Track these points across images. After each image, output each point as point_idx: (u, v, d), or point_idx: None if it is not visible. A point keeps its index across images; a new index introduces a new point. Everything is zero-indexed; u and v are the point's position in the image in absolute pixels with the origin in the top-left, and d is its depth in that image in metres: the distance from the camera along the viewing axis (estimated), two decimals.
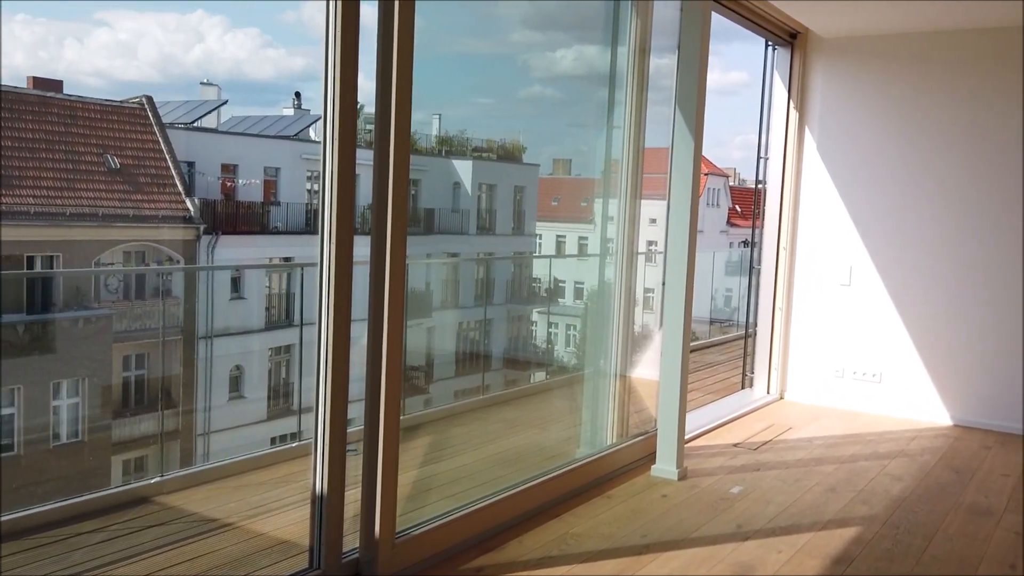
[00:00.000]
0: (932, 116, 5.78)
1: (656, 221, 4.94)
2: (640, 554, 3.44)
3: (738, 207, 35.63)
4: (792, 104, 6.20)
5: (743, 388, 6.62)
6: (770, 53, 6.15)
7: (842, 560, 3.48)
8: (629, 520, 3.79)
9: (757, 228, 6.53)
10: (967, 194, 5.70)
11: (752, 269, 6.52)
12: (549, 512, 3.82)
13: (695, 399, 6.12)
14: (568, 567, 3.28)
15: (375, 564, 3.01)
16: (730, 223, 34.05)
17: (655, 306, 6.42)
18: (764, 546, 3.59)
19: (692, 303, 4.37)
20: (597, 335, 5.00)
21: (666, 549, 3.50)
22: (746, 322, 6.84)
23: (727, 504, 4.07)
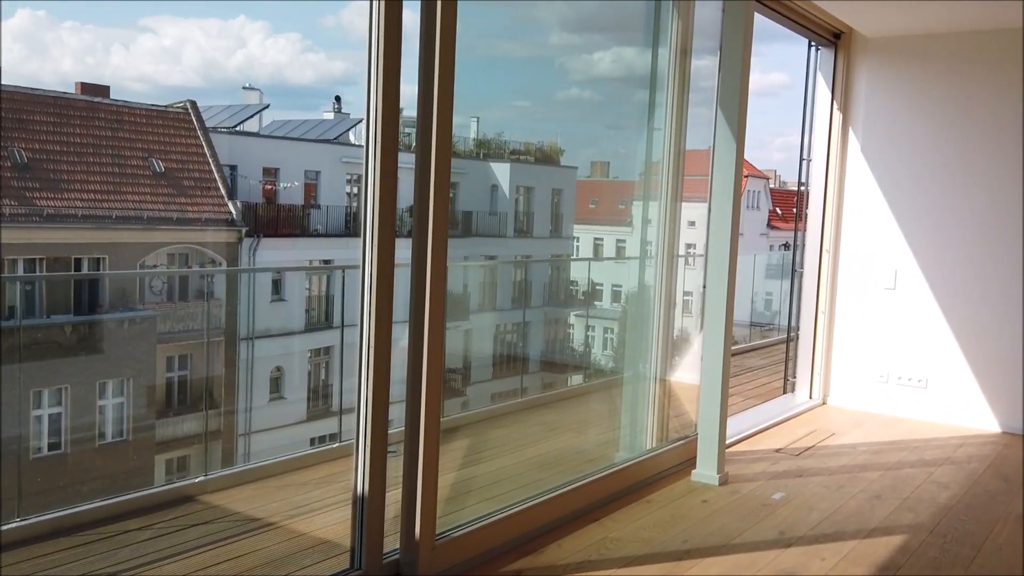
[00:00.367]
0: (978, 117, 5.67)
1: (695, 224, 4.90)
2: (681, 559, 3.41)
3: (779, 209, 35.25)
4: (836, 105, 6.11)
5: (785, 393, 6.53)
6: (813, 54, 6.07)
7: (887, 569, 3.42)
8: (669, 525, 3.76)
9: (799, 231, 6.45)
10: (1014, 196, 5.57)
11: (794, 272, 6.44)
12: (588, 516, 3.80)
13: (735, 404, 6.05)
14: (608, 572, 3.26)
15: (415, 565, 3.02)
16: (770, 226, 33.71)
17: (693, 310, 6.37)
18: (807, 553, 3.54)
19: (733, 306, 4.33)
20: (636, 338, 4.97)
21: (707, 555, 3.46)
22: (788, 326, 6.76)
23: (769, 510, 4.02)
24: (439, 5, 2.88)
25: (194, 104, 16.47)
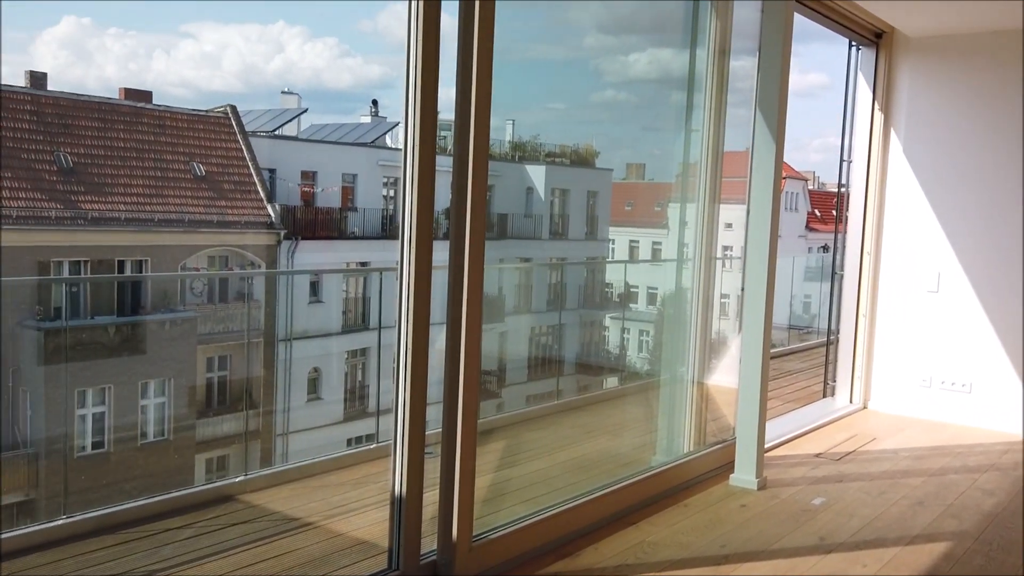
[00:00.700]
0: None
1: (732, 226, 4.86)
2: (719, 564, 3.38)
3: (817, 211, 34.82)
4: (877, 105, 6.02)
5: (824, 397, 6.45)
6: (854, 53, 5.99)
7: None
8: (707, 529, 3.73)
9: (839, 233, 6.36)
10: None
11: (834, 275, 6.35)
12: (625, 519, 3.78)
13: (774, 408, 5.99)
14: None
15: (452, 566, 3.03)
16: (809, 227, 33.30)
17: (730, 312, 6.31)
18: (848, 560, 3.49)
19: (772, 309, 4.29)
20: (673, 341, 4.95)
21: (746, 560, 3.43)
22: (827, 329, 6.67)
23: (809, 516, 3.97)
24: (477, 5, 2.88)
25: (234, 109, 16.73)
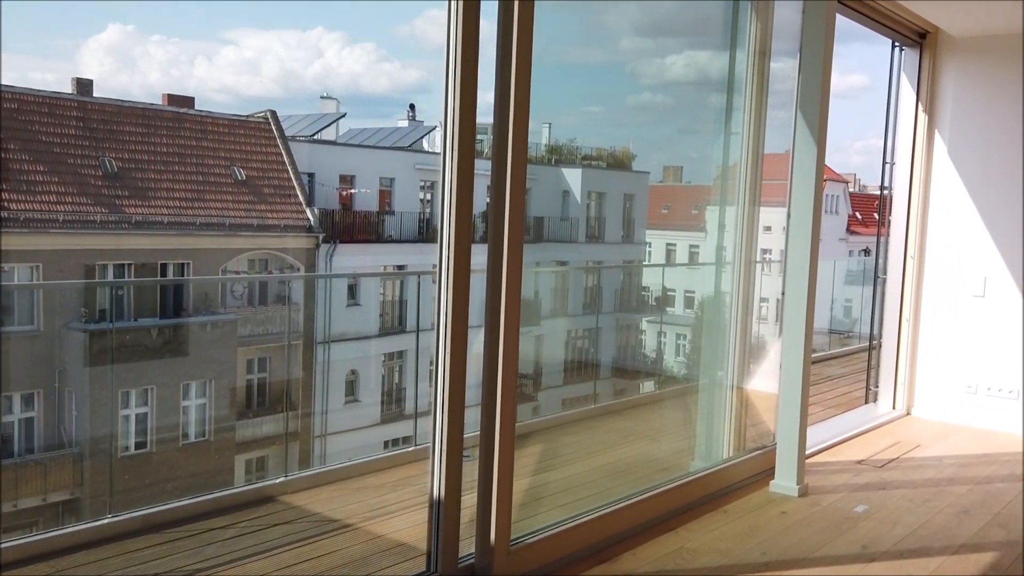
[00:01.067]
0: None
1: (771, 229, 4.81)
2: (759, 572, 3.34)
3: (858, 214, 34.31)
4: (921, 107, 5.92)
5: (866, 403, 6.35)
6: (897, 54, 5.89)
7: None
8: (747, 536, 3.69)
9: (882, 236, 6.26)
10: None
11: (876, 279, 6.25)
12: (663, 525, 3.76)
13: (815, 413, 5.91)
14: None
15: (490, 569, 3.04)
16: (850, 231, 32.82)
17: (769, 316, 6.25)
18: (891, 568, 3.43)
19: (814, 314, 4.23)
20: (711, 345, 4.90)
21: (787, 568, 3.39)
22: (870, 334, 6.56)
23: (851, 523, 3.91)
24: (516, 5, 2.89)
25: (274, 114, 16.96)
